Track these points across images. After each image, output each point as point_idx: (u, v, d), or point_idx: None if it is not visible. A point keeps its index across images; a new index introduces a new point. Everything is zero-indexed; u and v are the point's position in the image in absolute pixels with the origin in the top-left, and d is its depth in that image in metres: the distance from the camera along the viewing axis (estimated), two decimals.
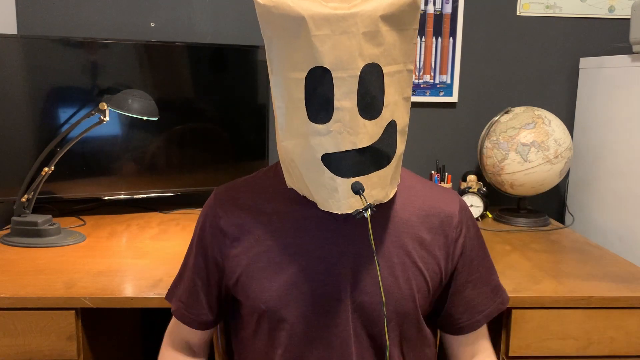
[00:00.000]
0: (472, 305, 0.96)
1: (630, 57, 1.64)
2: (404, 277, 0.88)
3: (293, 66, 0.78)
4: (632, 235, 1.61)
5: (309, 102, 0.77)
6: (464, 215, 0.95)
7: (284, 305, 0.87)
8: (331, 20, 0.73)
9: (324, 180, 0.79)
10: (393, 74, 0.79)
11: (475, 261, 0.96)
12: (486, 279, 0.98)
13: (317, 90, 0.76)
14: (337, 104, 0.76)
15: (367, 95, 0.76)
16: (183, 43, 1.75)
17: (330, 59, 0.74)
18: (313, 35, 0.74)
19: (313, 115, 0.77)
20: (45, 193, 1.60)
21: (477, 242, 0.96)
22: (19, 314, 1.13)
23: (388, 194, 0.85)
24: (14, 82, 1.57)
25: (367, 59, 0.75)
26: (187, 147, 1.77)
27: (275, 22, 0.77)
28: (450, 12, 1.90)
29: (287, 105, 0.80)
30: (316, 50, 0.74)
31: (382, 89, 0.78)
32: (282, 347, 0.89)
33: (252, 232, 0.90)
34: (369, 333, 0.89)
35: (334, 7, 0.74)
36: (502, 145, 1.70)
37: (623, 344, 1.21)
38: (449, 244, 0.92)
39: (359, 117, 0.76)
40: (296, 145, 0.81)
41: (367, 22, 0.74)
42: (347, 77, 0.75)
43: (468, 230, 0.95)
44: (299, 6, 0.74)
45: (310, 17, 0.73)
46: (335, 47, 0.74)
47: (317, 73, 0.76)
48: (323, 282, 0.87)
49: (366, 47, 0.75)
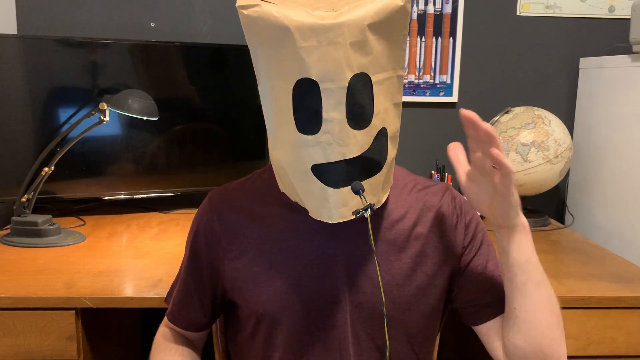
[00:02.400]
0: (489, 285, 0.92)
1: (630, 57, 1.64)
2: (403, 275, 0.88)
3: (280, 76, 0.76)
4: (632, 235, 1.61)
5: (297, 113, 0.76)
6: (457, 202, 0.94)
7: (282, 308, 0.87)
8: (317, 31, 0.71)
9: (314, 190, 0.79)
10: (382, 82, 0.78)
11: (483, 243, 0.94)
12: (496, 263, 0.95)
13: (304, 101, 0.75)
14: (325, 115, 0.74)
15: (356, 106, 0.75)
16: (183, 43, 1.75)
17: (317, 71, 0.72)
18: (299, 46, 0.72)
19: (301, 127, 0.76)
20: (45, 193, 1.60)
21: (480, 225, 0.95)
22: (19, 314, 1.13)
23: (380, 199, 0.85)
24: (14, 82, 1.57)
25: (355, 69, 0.74)
26: (187, 147, 1.77)
27: (260, 33, 0.75)
28: (450, 12, 1.90)
29: (276, 115, 0.80)
30: (303, 61, 0.72)
31: (372, 98, 0.76)
32: (280, 350, 0.89)
33: (247, 235, 0.90)
34: (369, 333, 0.88)
35: (320, 16, 0.71)
36: (502, 145, 1.70)
37: (623, 344, 1.21)
38: (450, 232, 0.92)
39: (348, 127, 0.75)
40: (286, 155, 0.80)
41: (354, 32, 0.72)
42: (335, 89, 0.73)
43: (465, 214, 0.94)
44: (284, 16, 0.71)
45: (295, 28, 0.71)
46: (322, 58, 0.72)
47: (304, 84, 0.74)
48: (320, 284, 0.87)
49: (354, 57, 0.73)
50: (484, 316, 0.93)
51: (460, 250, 0.92)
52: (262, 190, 0.94)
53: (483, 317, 0.93)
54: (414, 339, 0.91)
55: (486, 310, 0.92)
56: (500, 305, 0.91)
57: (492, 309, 0.92)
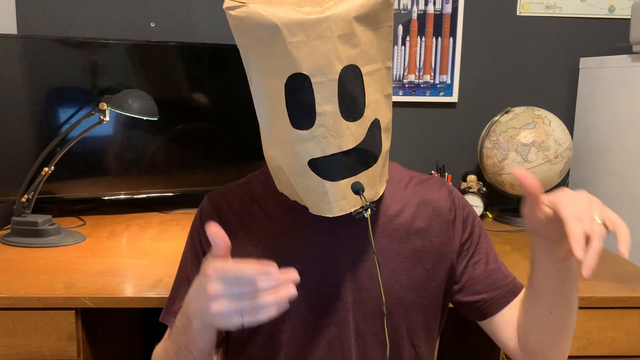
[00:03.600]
0: (491, 280, 0.94)
1: (630, 57, 1.64)
2: (403, 269, 0.88)
3: (271, 75, 0.77)
4: (632, 236, 1.60)
5: (290, 108, 0.77)
6: (454, 197, 0.95)
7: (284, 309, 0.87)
8: (305, 26, 0.72)
9: (312, 185, 0.79)
10: (372, 73, 0.79)
11: (481, 239, 0.95)
12: (495, 258, 0.96)
13: (297, 96, 0.76)
14: (318, 108, 0.75)
15: (348, 97, 0.76)
16: (183, 43, 1.75)
17: (307, 65, 0.74)
18: (288, 42, 0.73)
19: (295, 122, 0.77)
20: (45, 193, 1.60)
21: (476, 220, 0.96)
22: (19, 314, 1.13)
23: (378, 192, 0.85)
24: (14, 82, 1.57)
25: (345, 61, 0.75)
26: (187, 147, 1.77)
27: (249, 32, 0.76)
28: (450, 12, 1.90)
29: (269, 114, 0.80)
30: (292, 57, 0.73)
31: (363, 90, 0.78)
32: (284, 348, 0.89)
33: (246, 237, 0.90)
34: (371, 329, 0.88)
35: (306, 12, 0.72)
36: (502, 145, 1.70)
37: (623, 344, 1.21)
38: (447, 227, 0.92)
39: (342, 119, 0.76)
40: (282, 152, 0.81)
41: (341, 24, 0.73)
42: (326, 82, 0.74)
43: (462, 209, 0.95)
44: (272, 14, 0.73)
45: (283, 25, 0.72)
46: (311, 52, 0.73)
47: (296, 80, 0.75)
48: (321, 282, 0.87)
49: (343, 49, 0.74)
50: (494, 309, 0.94)
51: (458, 245, 0.93)
52: (260, 192, 0.94)
53: (493, 309, 0.94)
54: (414, 334, 0.91)
55: (496, 303, 0.94)
56: (508, 295, 0.93)
57: (501, 300, 0.94)
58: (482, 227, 0.97)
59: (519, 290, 0.95)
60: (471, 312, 0.96)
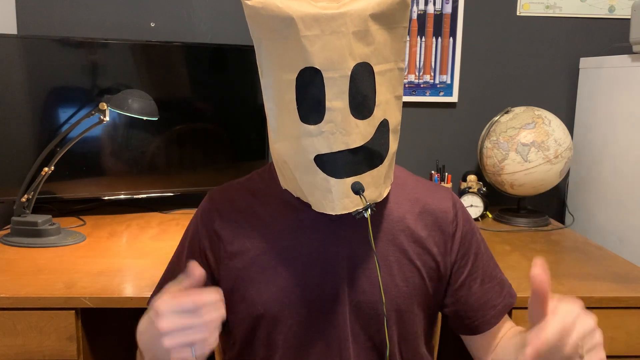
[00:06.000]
0: (483, 301, 0.94)
1: (630, 57, 1.64)
2: (401, 275, 0.88)
3: (283, 67, 0.77)
4: (632, 235, 1.61)
5: (300, 103, 0.77)
6: (458, 210, 0.95)
7: (282, 308, 0.87)
8: (320, 20, 0.72)
9: (317, 182, 0.79)
10: (384, 73, 0.79)
11: (478, 256, 0.95)
12: (491, 274, 0.96)
13: (308, 91, 0.76)
14: (328, 104, 0.75)
15: (359, 95, 0.76)
16: (183, 43, 1.75)
17: (320, 60, 0.74)
18: (302, 35, 0.73)
19: (305, 116, 0.77)
20: (45, 193, 1.60)
21: (475, 237, 0.96)
22: (19, 314, 1.13)
23: (382, 193, 0.85)
24: (14, 82, 1.57)
25: (358, 59, 0.75)
26: (187, 147, 1.77)
27: (263, 24, 0.76)
28: (450, 12, 1.90)
29: (278, 107, 0.80)
30: (306, 50, 0.73)
31: (374, 88, 0.78)
32: (280, 351, 0.88)
33: (247, 235, 0.90)
34: (367, 333, 0.88)
35: (323, 7, 0.73)
36: (502, 145, 1.70)
37: (623, 344, 1.21)
38: (446, 240, 0.92)
39: (351, 117, 0.76)
40: (288, 147, 0.81)
41: (356, 21, 0.73)
42: (338, 77, 0.74)
43: (464, 224, 0.94)
44: (288, 7, 0.73)
45: (299, 18, 0.72)
46: (325, 47, 0.73)
47: (307, 74, 0.75)
48: (320, 283, 0.87)
49: (356, 46, 0.74)
50: (480, 328, 0.94)
51: (454, 258, 0.93)
52: (262, 189, 0.93)
53: (479, 329, 0.94)
54: (409, 340, 0.91)
55: (485, 323, 0.94)
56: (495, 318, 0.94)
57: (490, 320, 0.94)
58: (480, 243, 0.97)
59: (491, 324, 0.94)
60: (457, 327, 0.97)
